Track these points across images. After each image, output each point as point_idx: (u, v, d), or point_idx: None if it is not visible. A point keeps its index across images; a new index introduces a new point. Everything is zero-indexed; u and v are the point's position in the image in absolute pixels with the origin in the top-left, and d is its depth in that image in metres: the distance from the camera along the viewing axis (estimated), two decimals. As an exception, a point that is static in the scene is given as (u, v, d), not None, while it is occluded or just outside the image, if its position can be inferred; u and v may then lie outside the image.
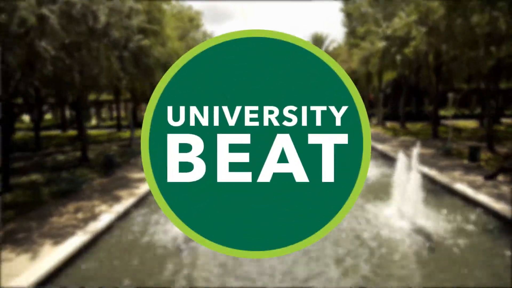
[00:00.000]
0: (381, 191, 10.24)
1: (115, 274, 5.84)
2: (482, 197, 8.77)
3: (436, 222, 7.81)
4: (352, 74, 37.20)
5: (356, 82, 37.52)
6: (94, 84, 14.29)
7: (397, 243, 6.84)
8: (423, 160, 13.23)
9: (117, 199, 9.60)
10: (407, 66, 20.85)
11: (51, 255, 6.02)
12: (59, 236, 6.94)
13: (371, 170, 14.11)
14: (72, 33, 9.88)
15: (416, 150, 8.80)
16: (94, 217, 8.06)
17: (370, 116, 35.30)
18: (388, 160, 16.15)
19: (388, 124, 31.72)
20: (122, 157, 16.43)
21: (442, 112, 31.40)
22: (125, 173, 13.25)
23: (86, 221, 7.81)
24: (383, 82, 33.06)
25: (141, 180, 11.93)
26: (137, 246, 6.92)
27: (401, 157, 9.21)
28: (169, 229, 7.69)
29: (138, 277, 5.75)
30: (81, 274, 5.81)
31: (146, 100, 38.28)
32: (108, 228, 7.59)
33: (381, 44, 20.68)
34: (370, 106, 37.58)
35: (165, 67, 20.79)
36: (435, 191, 10.10)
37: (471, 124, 28.84)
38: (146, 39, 15.54)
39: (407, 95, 29.67)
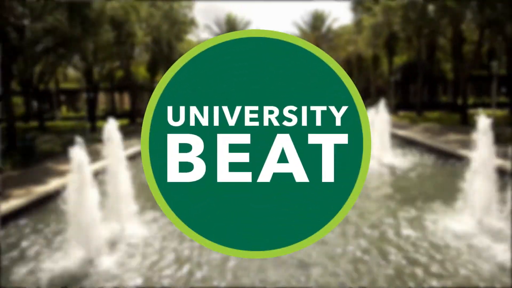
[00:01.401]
0: (429, 190, 9.21)
1: None
2: None
3: None
4: (358, 59, 37.42)
5: (361, 67, 37.81)
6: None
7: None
8: (465, 146, 12.10)
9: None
10: (447, 16, 18.90)
11: None
12: None
13: (401, 160, 13.51)
14: None
15: None
16: None
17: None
18: (417, 146, 16.10)
19: (401, 113, 32.00)
20: (63, 146, 15.98)
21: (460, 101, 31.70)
22: (51, 164, 12.47)
23: None
24: (393, 66, 33.30)
25: (63, 173, 10.55)
26: None
27: (482, 131, 7.35)
28: (44, 267, 5.89)
29: None
30: None
31: (126, 89, 38.15)
32: None
33: None
34: (378, 93, 37.85)
35: (115, 23, 20.02)
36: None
37: (495, 112, 29.11)
38: None
39: (421, 81, 29.94)
